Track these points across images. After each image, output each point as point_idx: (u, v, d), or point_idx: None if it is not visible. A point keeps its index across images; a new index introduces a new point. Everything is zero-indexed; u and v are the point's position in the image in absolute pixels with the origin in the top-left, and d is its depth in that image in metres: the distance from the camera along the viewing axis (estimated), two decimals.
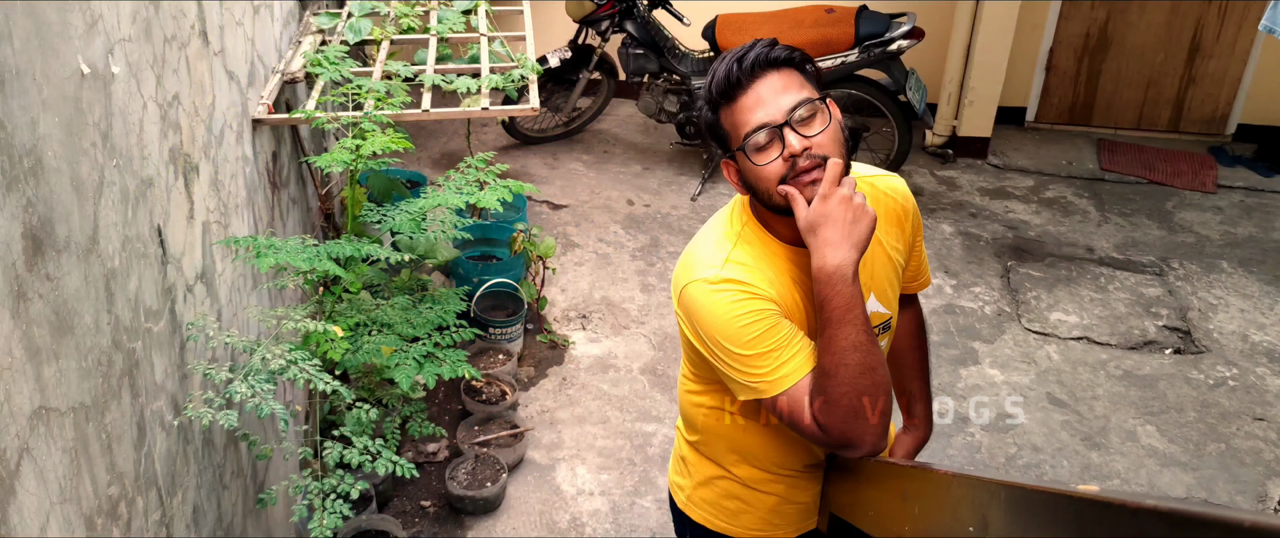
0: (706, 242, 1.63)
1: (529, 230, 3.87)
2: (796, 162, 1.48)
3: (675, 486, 1.94)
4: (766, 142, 1.49)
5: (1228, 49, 5.59)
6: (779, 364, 1.52)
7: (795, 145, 1.47)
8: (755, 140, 1.49)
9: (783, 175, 1.49)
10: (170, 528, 1.87)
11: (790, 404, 1.52)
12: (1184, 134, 5.87)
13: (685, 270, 1.61)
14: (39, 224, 1.36)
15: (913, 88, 4.70)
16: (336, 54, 3.18)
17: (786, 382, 1.52)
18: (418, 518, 3.09)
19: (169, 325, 1.90)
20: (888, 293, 1.71)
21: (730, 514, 1.83)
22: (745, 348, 1.52)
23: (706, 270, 1.56)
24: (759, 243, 1.60)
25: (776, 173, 1.49)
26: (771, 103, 1.49)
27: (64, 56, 1.47)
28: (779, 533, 1.85)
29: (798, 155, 1.47)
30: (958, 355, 3.92)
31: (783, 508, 1.81)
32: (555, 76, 5.16)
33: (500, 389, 3.51)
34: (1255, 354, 3.98)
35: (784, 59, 1.51)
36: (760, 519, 1.82)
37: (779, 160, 1.49)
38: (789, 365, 1.52)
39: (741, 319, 1.52)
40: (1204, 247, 4.77)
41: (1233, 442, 3.52)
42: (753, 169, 1.51)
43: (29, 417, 1.31)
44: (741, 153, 1.52)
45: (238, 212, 2.48)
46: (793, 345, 1.52)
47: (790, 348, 1.52)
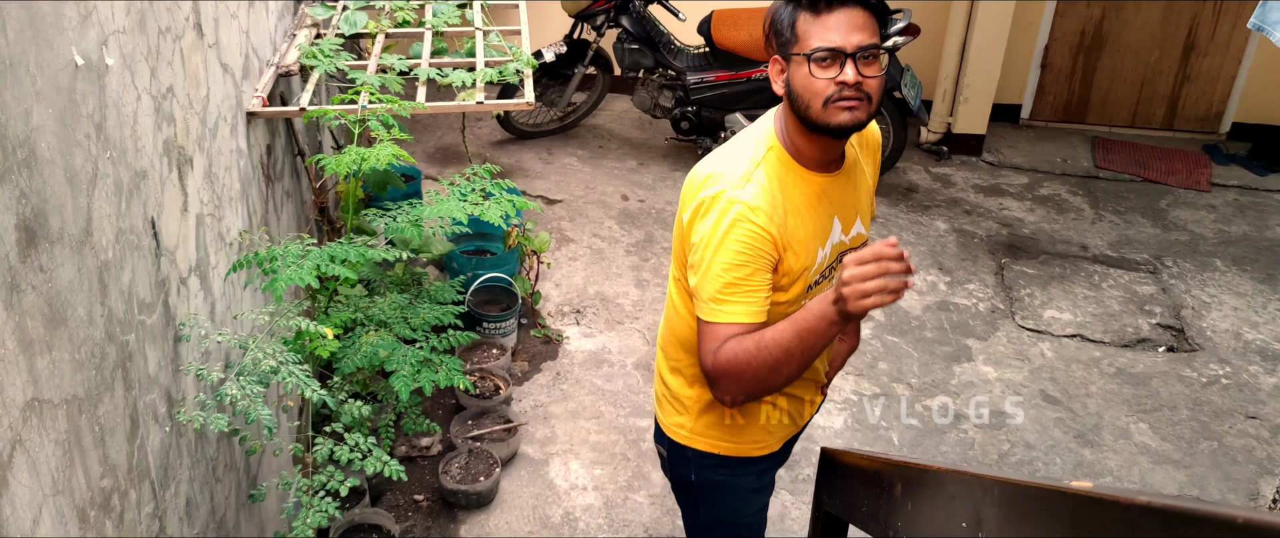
0: (734, 156, 1.79)
1: (524, 225, 3.87)
2: (845, 89, 1.66)
3: (674, 427, 2.06)
4: (830, 62, 1.66)
5: (1222, 47, 5.60)
6: (728, 299, 1.71)
7: (850, 77, 1.65)
8: (821, 55, 1.66)
9: (829, 96, 1.67)
10: (163, 521, 1.86)
11: (708, 333, 1.73)
12: (1178, 132, 5.88)
13: (708, 178, 1.76)
14: (32, 216, 1.35)
15: (908, 85, 4.70)
16: (331, 47, 3.17)
17: (721, 316, 1.71)
18: (411, 512, 3.09)
19: (162, 318, 1.90)
20: (867, 215, 1.96)
21: (733, 434, 2.00)
22: (718, 267, 1.71)
23: (726, 186, 1.72)
24: (781, 166, 1.77)
25: (825, 90, 1.67)
26: (849, 33, 1.65)
27: (58, 48, 1.46)
28: (772, 443, 2.05)
29: (849, 84, 1.65)
30: (951, 352, 3.93)
31: (773, 417, 2.01)
32: (550, 71, 5.16)
33: (494, 384, 3.51)
34: (1248, 353, 4.00)
35: (874, 4, 1.69)
36: (759, 430, 2.01)
37: (832, 82, 1.66)
38: (734, 307, 1.70)
39: (732, 245, 1.69)
40: (1198, 245, 4.78)
41: (1225, 440, 3.53)
42: (806, 77, 1.68)
43: (22, 409, 1.31)
44: (804, 59, 1.67)
45: (232, 205, 2.47)
46: (750, 295, 1.71)
47: (746, 294, 1.71)
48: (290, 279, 2.15)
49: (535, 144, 5.49)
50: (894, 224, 4.82)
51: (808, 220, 1.77)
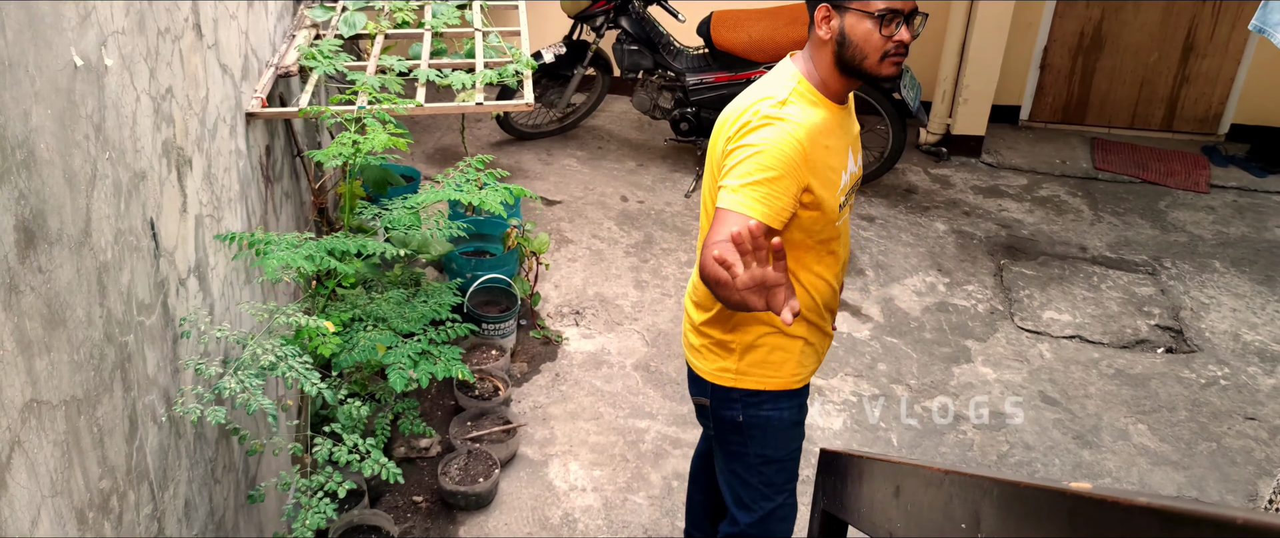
0: (769, 86, 2.00)
1: (523, 226, 3.87)
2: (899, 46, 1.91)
3: (717, 372, 2.20)
4: (889, 21, 1.89)
5: (1221, 48, 5.60)
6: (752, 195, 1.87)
7: (907, 36, 1.92)
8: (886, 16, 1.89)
9: (885, 51, 1.91)
10: (162, 522, 1.86)
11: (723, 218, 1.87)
12: (1177, 133, 5.88)
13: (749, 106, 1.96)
14: (31, 216, 1.35)
15: (907, 86, 4.70)
16: (331, 48, 3.17)
17: (740, 206, 1.87)
18: (410, 513, 3.09)
19: (161, 319, 1.90)
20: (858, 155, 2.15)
21: (776, 367, 2.16)
22: (753, 165, 1.88)
23: (770, 106, 1.93)
24: (811, 97, 1.98)
25: (882, 46, 1.91)
26: None
27: (57, 48, 1.46)
28: (805, 374, 2.22)
29: (905, 42, 1.91)
30: (950, 353, 3.93)
31: (806, 351, 2.19)
32: (550, 72, 5.15)
33: (493, 385, 3.51)
34: (1247, 354, 4.00)
35: None
36: (796, 363, 2.18)
37: (890, 40, 1.90)
38: (754, 204, 1.87)
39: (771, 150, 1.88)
40: (1197, 246, 4.79)
41: (1224, 441, 3.53)
42: (868, 32, 1.90)
43: (20, 410, 1.31)
44: (866, 15, 1.89)
45: (231, 205, 2.47)
46: (771, 198, 1.88)
47: (768, 196, 1.88)
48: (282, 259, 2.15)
49: (534, 145, 5.49)
50: (893, 225, 4.82)
51: (833, 148, 2.00)
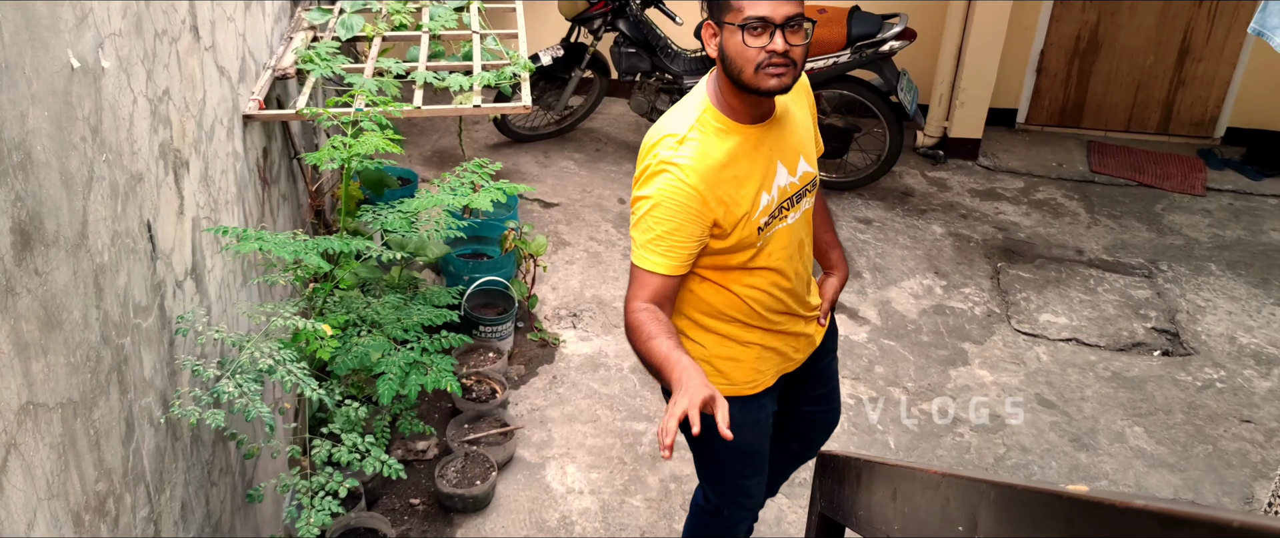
0: (675, 120, 1.97)
1: (520, 229, 3.87)
2: (774, 56, 1.82)
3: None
4: (759, 31, 1.82)
5: (1217, 52, 5.62)
6: (653, 251, 1.91)
7: (779, 46, 1.82)
8: (753, 26, 1.81)
9: (759, 63, 1.83)
10: (158, 525, 1.86)
11: (635, 276, 1.95)
12: (1173, 137, 5.89)
13: (649, 143, 1.97)
14: (28, 218, 1.35)
15: (904, 89, 4.71)
16: (328, 50, 3.17)
17: (645, 264, 1.93)
18: (407, 516, 3.08)
19: (158, 321, 1.89)
20: (811, 153, 2.12)
21: (727, 374, 2.17)
22: (650, 221, 1.91)
23: (664, 150, 1.92)
24: (716, 125, 1.95)
25: (755, 58, 1.83)
26: (778, 4, 1.81)
27: (54, 50, 1.46)
28: (763, 380, 2.22)
29: (778, 52, 1.82)
30: (947, 356, 3.93)
31: (764, 356, 2.19)
32: (547, 75, 5.16)
33: (490, 387, 3.51)
34: (1243, 356, 4.00)
35: None
36: (748, 370, 2.18)
37: (762, 51, 1.82)
38: (657, 259, 1.92)
39: (661, 200, 1.89)
40: (1193, 249, 4.79)
41: (1220, 443, 3.53)
42: (738, 46, 1.84)
43: (16, 412, 1.30)
44: (736, 28, 1.83)
45: (228, 207, 2.47)
46: (672, 250, 1.91)
47: (668, 248, 1.91)
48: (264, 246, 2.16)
49: (532, 147, 5.49)
50: (890, 228, 4.82)
51: (746, 170, 1.95)
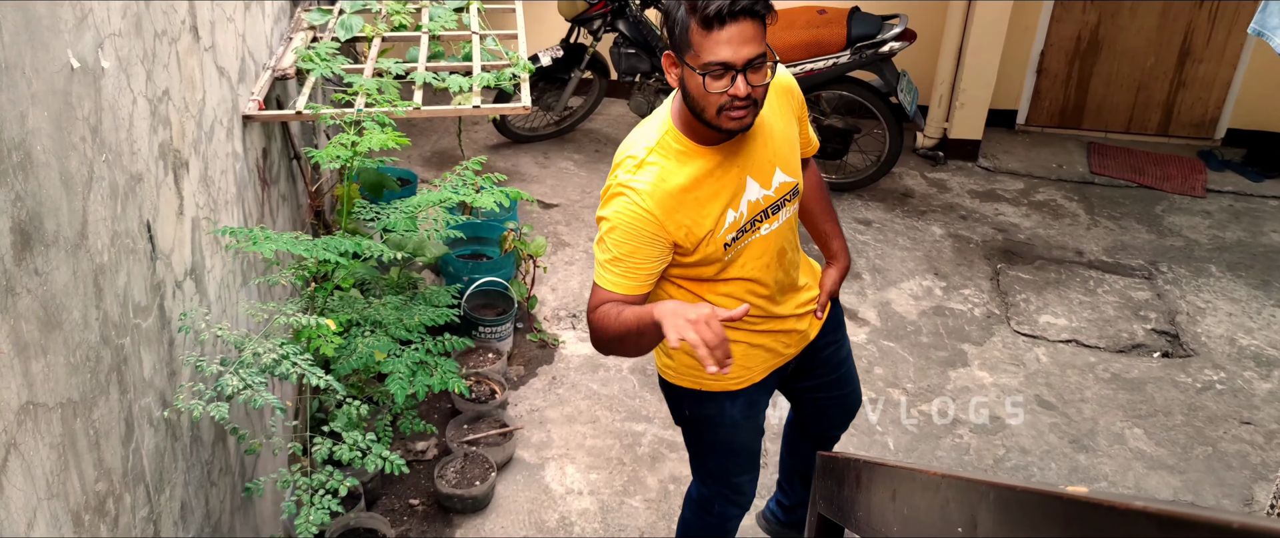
0: (635, 143, 1.99)
1: (520, 229, 3.87)
2: (734, 100, 1.81)
3: (664, 368, 2.31)
4: (721, 75, 1.80)
5: (1217, 53, 5.62)
6: (610, 270, 1.94)
7: (741, 90, 1.80)
8: (714, 71, 1.79)
9: (721, 106, 1.82)
10: (158, 525, 1.86)
11: (594, 291, 1.98)
12: (1173, 138, 5.89)
13: (616, 160, 2.00)
14: (27, 219, 1.35)
15: (904, 90, 4.71)
16: (328, 51, 3.17)
17: (603, 282, 1.96)
18: (406, 517, 3.08)
19: (158, 321, 1.89)
20: (791, 161, 2.08)
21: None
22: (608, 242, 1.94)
23: (622, 173, 1.95)
24: (676, 147, 1.95)
25: (717, 102, 1.82)
26: (739, 47, 1.77)
27: (54, 51, 1.46)
28: (753, 375, 2.25)
29: (739, 97, 1.80)
30: (947, 357, 3.93)
31: (751, 352, 2.21)
32: (547, 75, 5.16)
33: (490, 388, 3.51)
34: (1243, 358, 4.00)
35: (759, 10, 1.80)
36: (736, 366, 2.18)
37: (723, 94, 1.80)
38: (614, 278, 1.94)
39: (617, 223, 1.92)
40: (1193, 251, 4.79)
41: (1219, 445, 3.53)
42: (699, 87, 1.82)
43: (16, 412, 1.30)
44: (695, 72, 1.81)
45: (227, 208, 2.47)
46: (629, 271, 1.94)
47: (625, 270, 1.94)
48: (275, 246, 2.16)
49: (531, 148, 5.49)
50: (890, 229, 4.82)
51: (709, 191, 1.95)
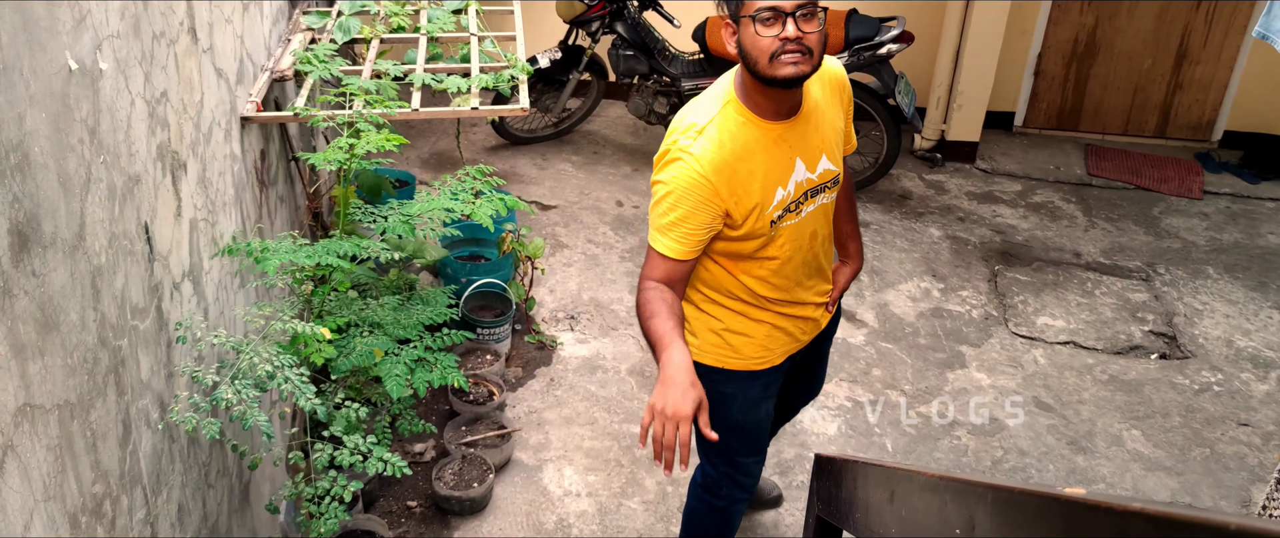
0: (697, 110, 2.04)
1: (518, 231, 3.87)
2: (787, 44, 1.86)
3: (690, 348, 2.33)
4: (771, 20, 1.85)
5: (1215, 55, 5.62)
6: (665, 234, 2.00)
7: (792, 32, 1.85)
8: (764, 16, 1.85)
9: (774, 52, 1.87)
10: (155, 527, 1.86)
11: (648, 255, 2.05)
12: (1171, 140, 5.90)
13: (674, 126, 2.03)
14: (25, 220, 1.35)
15: (902, 92, 4.71)
16: (326, 52, 3.17)
17: (657, 245, 2.02)
18: (404, 519, 3.08)
19: (155, 323, 1.89)
20: (835, 152, 2.16)
21: (736, 349, 2.26)
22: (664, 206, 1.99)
23: (684, 138, 1.99)
24: (737, 118, 2.00)
25: (769, 47, 1.87)
26: None
27: (52, 52, 1.46)
28: (772, 357, 2.30)
29: (790, 39, 1.85)
30: (944, 359, 3.94)
31: (773, 334, 2.26)
32: (545, 77, 5.16)
33: (488, 390, 3.51)
34: (1240, 360, 4.01)
35: None
36: (758, 346, 2.26)
37: (775, 39, 1.86)
38: (667, 242, 2.01)
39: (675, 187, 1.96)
40: (1190, 252, 4.80)
41: (1217, 447, 3.54)
42: (752, 37, 1.88)
43: (13, 414, 1.30)
44: (749, 20, 1.87)
45: (225, 210, 2.47)
46: (683, 235, 2.00)
47: (680, 234, 2.00)
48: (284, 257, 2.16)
49: (530, 150, 5.49)
50: (888, 231, 4.83)
51: (763, 165, 2.01)
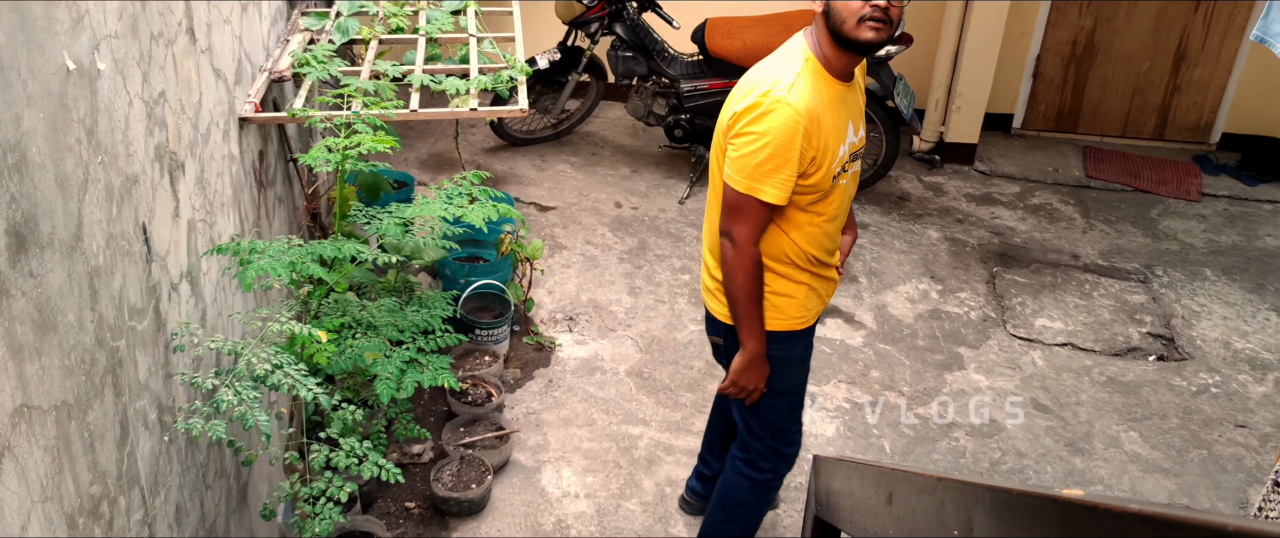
0: (780, 66, 2.15)
1: (516, 232, 3.87)
2: (875, 10, 2.02)
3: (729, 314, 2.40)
4: None
5: (1213, 57, 5.63)
6: (762, 181, 2.12)
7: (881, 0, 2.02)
8: None
9: (862, 15, 2.03)
10: (153, 528, 1.85)
11: (738, 203, 2.17)
12: (1169, 142, 5.91)
13: (759, 82, 2.13)
14: (22, 220, 1.35)
15: (901, 93, 4.72)
16: (324, 53, 3.17)
17: (758, 194, 2.13)
18: (402, 520, 3.08)
19: (153, 324, 1.89)
20: (860, 126, 2.32)
21: (781, 310, 2.36)
22: (763, 154, 2.10)
23: (777, 88, 2.09)
24: (817, 77, 2.14)
25: (858, 10, 2.03)
26: None
27: (49, 52, 1.46)
28: (809, 317, 2.42)
29: (879, 7, 2.02)
30: (943, 360, 3.94)
31: (810, 295, 2.39)
32: (544, 78, 5.16)
33: (486, 391, 3.51)
34: (1237, 362, 4.01)
35: None
36: (799, 306, 2.38)
37: (865, 4, 2.02)
38: (766, 187, 2.13)
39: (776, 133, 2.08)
40: (1188, 254, 4.80)
41: (1214, 449, 3.54)
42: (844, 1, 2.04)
43: (11, 415, 1.30)
44: None
45: (224, 210, 2.46)
46: (781, 182, 2.12)
47: (778, 180, 2.12)
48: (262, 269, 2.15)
49: (529, 151, 5.49)
50: (886, 232, 4.83)
51: (832, 121, 2.16)
